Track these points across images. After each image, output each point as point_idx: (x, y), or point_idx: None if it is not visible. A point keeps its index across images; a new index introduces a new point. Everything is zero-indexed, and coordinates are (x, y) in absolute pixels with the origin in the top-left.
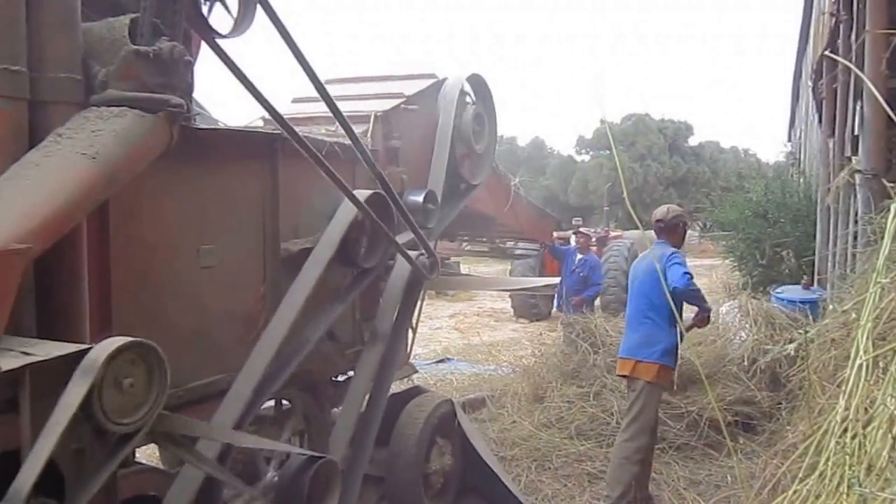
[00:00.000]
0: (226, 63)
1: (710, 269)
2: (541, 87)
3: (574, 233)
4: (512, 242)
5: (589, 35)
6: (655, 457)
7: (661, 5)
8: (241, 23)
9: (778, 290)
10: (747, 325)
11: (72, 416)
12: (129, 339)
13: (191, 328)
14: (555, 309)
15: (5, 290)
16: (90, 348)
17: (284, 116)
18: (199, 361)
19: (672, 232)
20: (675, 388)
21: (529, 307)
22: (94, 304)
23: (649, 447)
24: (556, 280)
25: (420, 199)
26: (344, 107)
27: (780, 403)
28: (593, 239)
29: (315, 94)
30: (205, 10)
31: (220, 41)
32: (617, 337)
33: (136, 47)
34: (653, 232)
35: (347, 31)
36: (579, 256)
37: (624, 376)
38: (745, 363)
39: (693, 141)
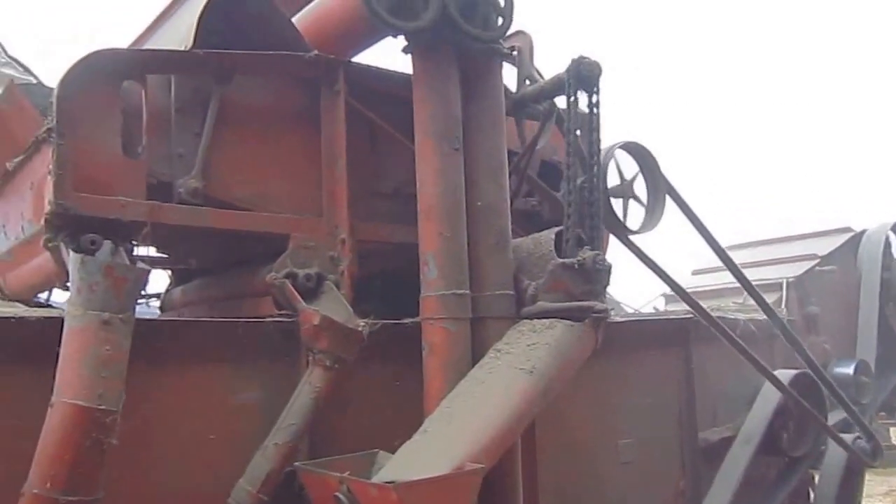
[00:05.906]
0: (637, 255)
1: None
2: None
3: None
4: None
5: None
6: None
7: None
8: (653, 216)
9: None
10: None
11: None
12: None
13: None
14: None
15: None
16: None
17: (687, 291)
18: None
19: None
20: None
21: None
22: None
23: None
24: None
25: (850, 370)
26: (751, 275)
27: None
28: None
29: (716, 263)
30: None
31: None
32: None
33: (562, 260)
34: None
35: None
36: None
37: None
38: None
39: None
